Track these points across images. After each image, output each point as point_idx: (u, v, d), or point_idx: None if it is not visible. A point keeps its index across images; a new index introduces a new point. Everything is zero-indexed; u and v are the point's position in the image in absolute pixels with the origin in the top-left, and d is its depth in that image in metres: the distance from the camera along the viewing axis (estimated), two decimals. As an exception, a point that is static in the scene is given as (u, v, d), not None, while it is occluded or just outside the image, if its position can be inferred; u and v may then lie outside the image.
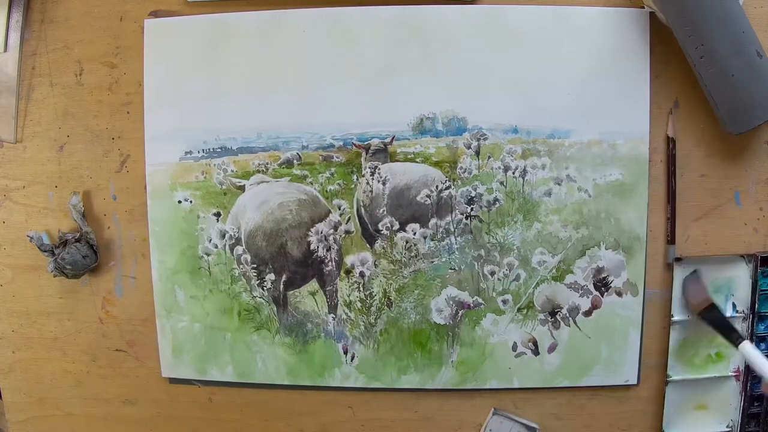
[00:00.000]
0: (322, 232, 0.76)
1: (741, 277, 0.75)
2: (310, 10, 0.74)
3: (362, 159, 0.75)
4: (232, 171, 0.77)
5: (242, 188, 0.77)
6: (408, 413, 0.80)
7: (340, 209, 0.76)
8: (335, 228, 0.76)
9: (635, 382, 0.77)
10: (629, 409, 0.78)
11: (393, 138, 0.75)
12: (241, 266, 0.78)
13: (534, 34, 0.73)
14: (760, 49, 0.67)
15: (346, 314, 0.78)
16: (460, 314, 0.77)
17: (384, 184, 0.76)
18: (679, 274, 0.75)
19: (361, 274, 0.77)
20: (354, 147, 0.75)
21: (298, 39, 0.74)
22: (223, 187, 0.77)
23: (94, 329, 0.82)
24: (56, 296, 0.81)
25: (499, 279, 0.76)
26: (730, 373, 0.76)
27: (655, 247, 0.75)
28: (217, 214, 0.78)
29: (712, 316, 0.72)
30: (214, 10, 0.75)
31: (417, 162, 0.75)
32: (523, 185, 0.75)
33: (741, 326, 0.75)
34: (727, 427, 0.77)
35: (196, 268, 0.78)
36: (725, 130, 0.70)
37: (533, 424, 0.78)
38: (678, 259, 0.74)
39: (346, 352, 0.78)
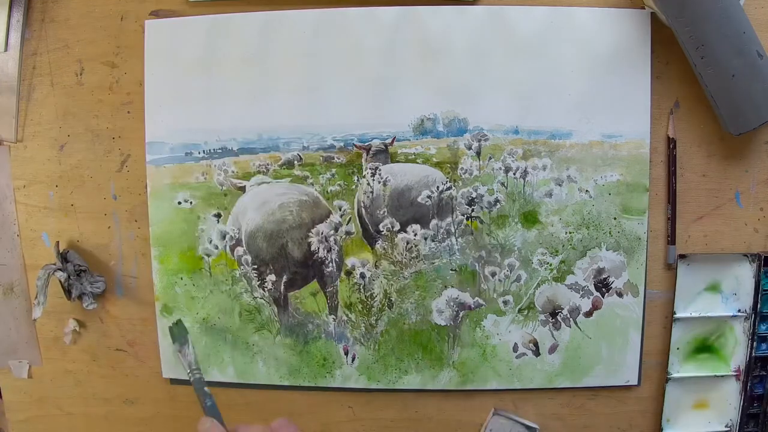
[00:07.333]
0: (322, 233, 0.76)
1: (743, 276, 0.75)
2: (310, 10, 0.74)
3: (363, 160, 0.75)
4: (233, 172, 0.77)
5: (243, 189, 0.77)
6: (408, 413, 0.80)
7: (340, 210, 0.76)
8: (336, 229, 0.76)
9: (636, 383, 0.77)
10: (629, 410, 0.78)
11: (394, 139, 0.75)
12: (242, 267, 0.78)
13: (535, 34, 0.73)
14: (761, 49, 0.67)
15: (347, 315, 0.78)
16: (460, 315, 0.76)
17: (385, 184, 0.76)
18: (682, 272, 0.74)
19: (362, 275, 0.77)
20: (355, 148, 0.75)
21: (298, 39, 0.74)
22: (224, 188, 0.77)
23: (95, 329, 0.82)
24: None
25: (500, 280, 0.76)
26: (730, 373, 0.76)
27: (655, 248, 0.75)
28: (218, 215, 0.77)
29: None
30: (214, 10, 0.75)
31: (418, 163, 0.75)
32: (524, 186, 0.75)
33: (743, 326, 0.75)
34: (726, 426, 0.77)
35: (197, 269, 0.78)
36: (726, 130, 0.70)
37: (533, 425, 0.78)
38: (682, 256, 0.74)
39: (346, 353, 0.78)
